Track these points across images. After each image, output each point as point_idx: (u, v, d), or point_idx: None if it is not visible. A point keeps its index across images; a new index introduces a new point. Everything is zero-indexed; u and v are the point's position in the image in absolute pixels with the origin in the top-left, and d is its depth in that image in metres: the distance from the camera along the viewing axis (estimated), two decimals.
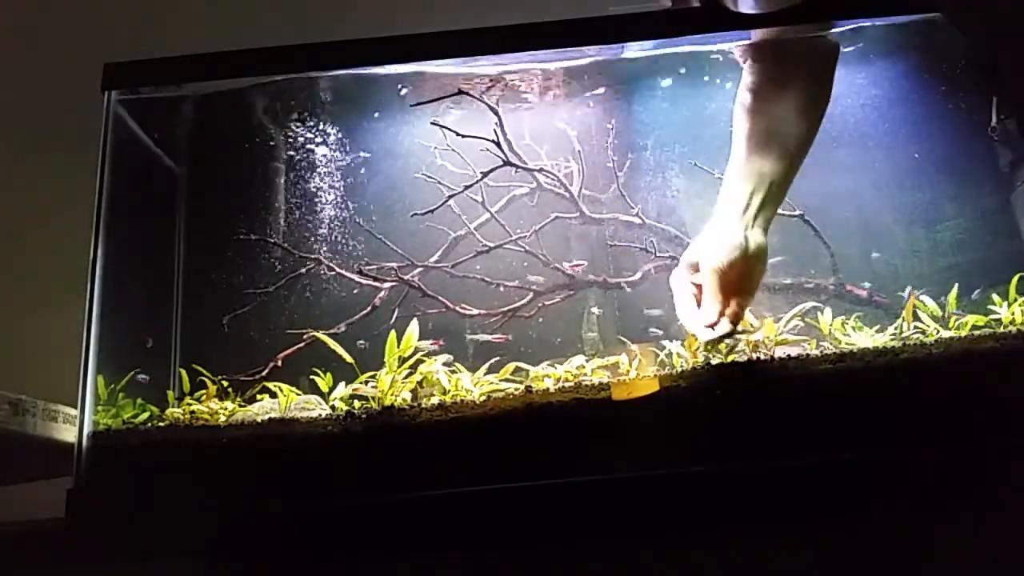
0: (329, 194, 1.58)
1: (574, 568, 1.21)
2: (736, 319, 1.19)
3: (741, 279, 1.21)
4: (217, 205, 1.61)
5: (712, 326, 1.18)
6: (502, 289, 1.54)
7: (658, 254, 1.56)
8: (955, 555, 1.16)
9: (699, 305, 1.22)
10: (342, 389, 1.32)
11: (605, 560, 1.20)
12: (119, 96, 1.37)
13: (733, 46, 1.43)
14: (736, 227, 1.22)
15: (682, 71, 1.60)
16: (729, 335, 1.19)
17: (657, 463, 1.12)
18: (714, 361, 1.27)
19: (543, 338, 1.51)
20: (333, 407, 1.29)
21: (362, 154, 1.60)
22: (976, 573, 1.16)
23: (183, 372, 1.42)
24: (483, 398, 1.22)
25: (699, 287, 1.23)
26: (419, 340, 1.36)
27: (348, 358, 1.35)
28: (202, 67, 1.40)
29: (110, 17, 2.06)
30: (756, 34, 1.39)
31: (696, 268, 1.24)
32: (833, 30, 1.38)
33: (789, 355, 1.23)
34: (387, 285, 1.52)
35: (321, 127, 1.60)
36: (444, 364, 1.36)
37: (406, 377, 1.32)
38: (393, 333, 1.36)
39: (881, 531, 1.17)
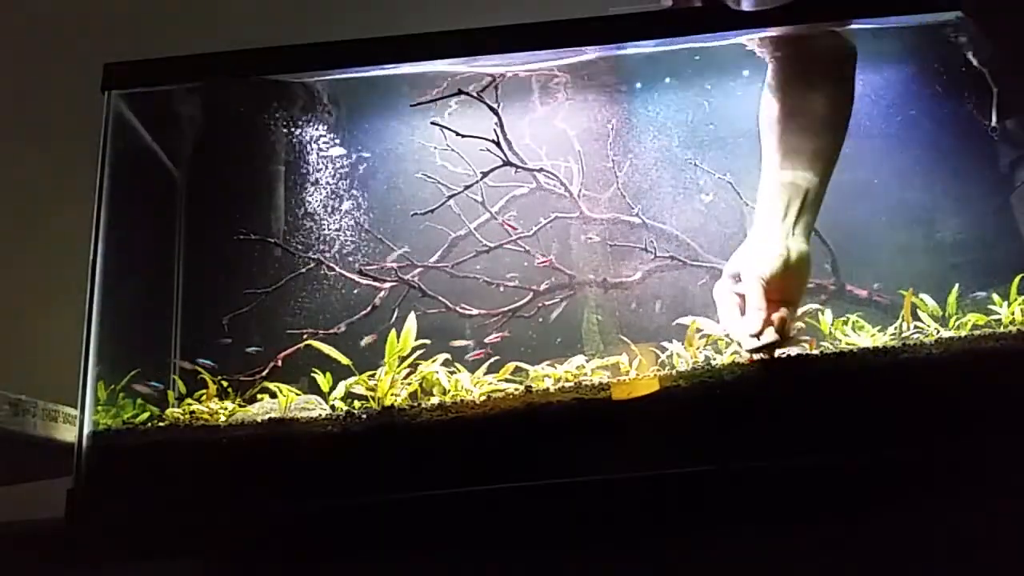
0: (331, 193, 1.57)
1: (574, 568, 1.20)
2: (781, 327, 1.19)
3: (784, 287, 1.22)
4: (217, 205, 1.61)
5: (757, 335, 1.18)
6: (502, 289, 1.54)
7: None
8: (955, 555, 1.16)
9: (743, 315, 1.22)
10: (342, 388, 1.32)
11: (605, 560, 1.20)
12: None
13: (755, 40, 1.41)
14: (776, 236, 1.24)
15: None
16: (775, 344, 1.18)
17: (657, 463, 1.12)
18: (714, 361, 1.27)
19: (542, 338, 1.51)
20: (333, 407, 1.29)
21: (366, 153, 1.59)
22: (976, 573, 1.16)
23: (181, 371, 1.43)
24: (483, 398, 1.22)
25: (742, 297, 1.24)
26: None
27: (344, 360, 1.35)
28: (202, 67, 1.40)
29: (110, 17, 2.07)
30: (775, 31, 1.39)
31: (738, 278, 1.25)
32: (850, 27, 1.39)
33: (789, 355, 1.23)
34: (387, 285, 1.51)
35: (321, 127, 1.59)
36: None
37: (406, 377, 1.32)
38: (393, 332, 1.36)
39: (881, 531, 1.17)
